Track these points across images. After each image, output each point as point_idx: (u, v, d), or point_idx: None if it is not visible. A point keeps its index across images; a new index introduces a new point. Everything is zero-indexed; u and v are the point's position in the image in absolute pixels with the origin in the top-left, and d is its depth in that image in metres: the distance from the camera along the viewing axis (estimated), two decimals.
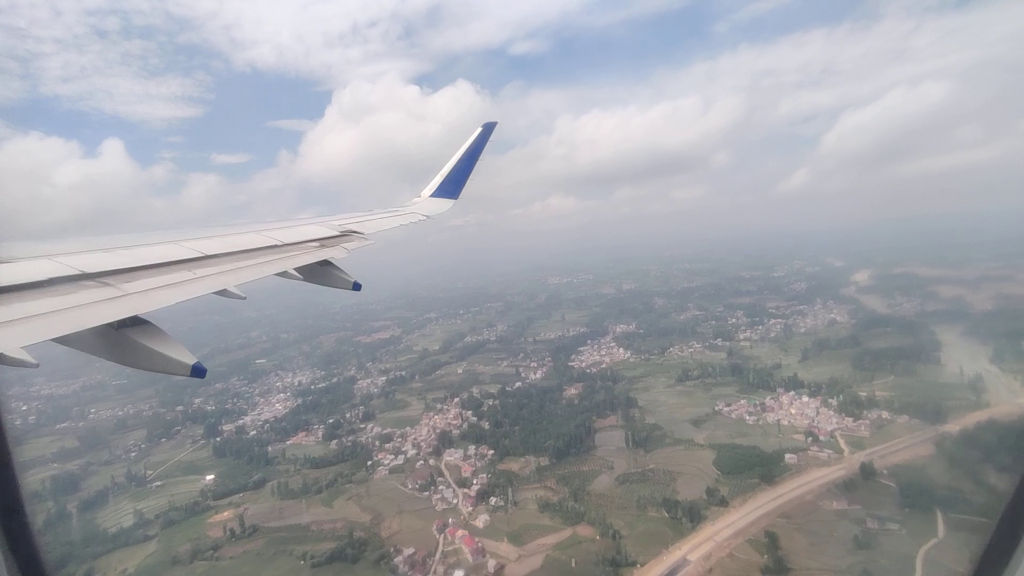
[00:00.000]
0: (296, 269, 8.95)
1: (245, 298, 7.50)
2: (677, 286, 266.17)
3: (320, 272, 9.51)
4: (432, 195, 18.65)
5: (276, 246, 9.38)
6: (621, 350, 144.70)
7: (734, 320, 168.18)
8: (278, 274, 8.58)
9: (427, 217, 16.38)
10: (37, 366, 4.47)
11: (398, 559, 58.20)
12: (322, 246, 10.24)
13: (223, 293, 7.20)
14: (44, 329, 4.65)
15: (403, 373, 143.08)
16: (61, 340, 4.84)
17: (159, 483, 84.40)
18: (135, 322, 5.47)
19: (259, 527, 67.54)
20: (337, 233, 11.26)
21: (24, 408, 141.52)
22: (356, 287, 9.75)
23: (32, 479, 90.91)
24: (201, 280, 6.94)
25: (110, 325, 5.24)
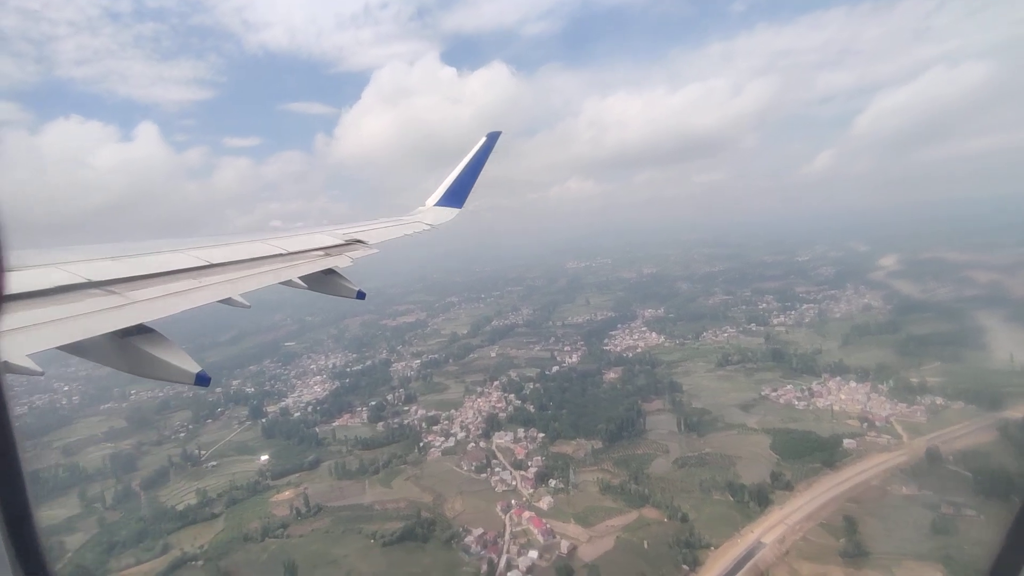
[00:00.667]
0: (300, 278, 8.93)
1: (250, 307, 7.43)
2: (699, 270, 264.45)
3: (324, 281, 9.54)
4: (436, 204, 18.71)
5: (281, 255, 9.40)
6: (654, 334, 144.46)
7: (765, 305, 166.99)
8: (282, 283, 8.56)
9: (431, 226, 16.32)
10: (42, 374, 4.45)
11: (468, 539, 59.03)
12: (327, 255, 10.24)
13: (228, 302, 7.14)
14: (50, 337, 4.65)
15: (436, 356, 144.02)
16: (67, 348, 4.84)
17: (214, 463, 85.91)
18: (140, 330, 5.45)
19: (323, 506, 68.69)
20: (342, 242, 11.26)
21: (67, 388, 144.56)
22: (360, 296, 9.79)
23: (89, 457, 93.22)
24: (206, 289, 6.96)
25: (116, 333, 5.21)
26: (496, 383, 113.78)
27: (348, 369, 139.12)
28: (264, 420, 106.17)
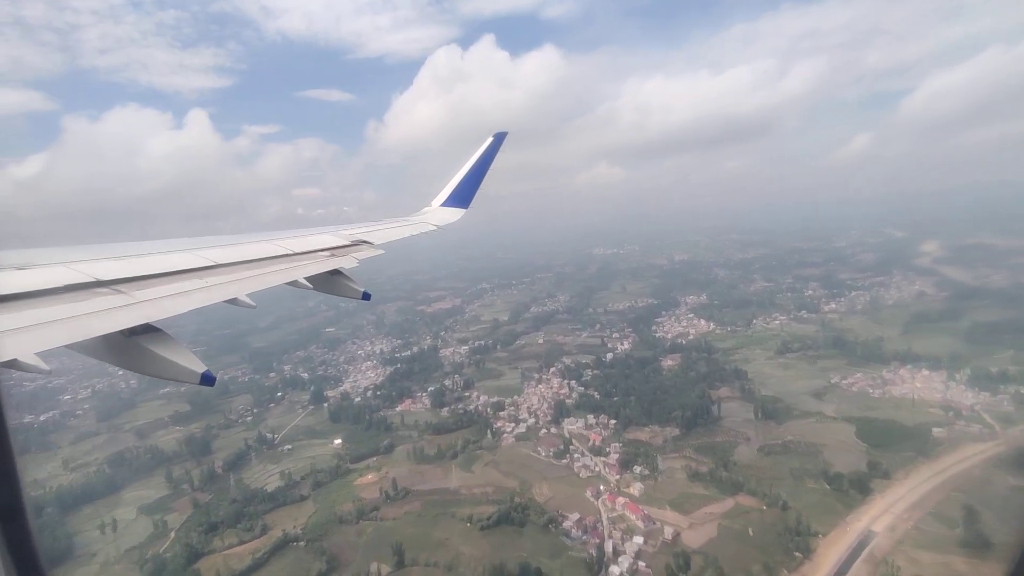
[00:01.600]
0: (306, 279, 8.89)
1: (255, 307, 7.43)
2: (733, 257, 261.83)
3: (330, 281, 9.54)
4: (443, 204, 18.62)
5: (287, 255, 9.34)
6: (702, 321, 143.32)
7: (811, 292, 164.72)
8: (288, 283, 8.50)
9: (437, 227, 16.21)
10: (50, 372, 4.52)
11: (566, 524, 59.41)
12: (332, 255, 10.21)
13: (234, 302, 7.10)
14: (57, 335, 4.61)
15: (481, 343, 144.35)
16: (74, 347, 4.81)
17: (288, 446, 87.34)
18: (146, 330, 5.43)
19: (410, 490, 69.48)
20: (347, 243, 11.23)
21: (121, 373, 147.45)
22: (365, 297, 9.70)
23: (163, 440, 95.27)
24: (212, 289, 6.91)
25: (122, 332, 5.20)
26: (552, 370, 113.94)
27: (397, 355, 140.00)
28: (326, 404, 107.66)
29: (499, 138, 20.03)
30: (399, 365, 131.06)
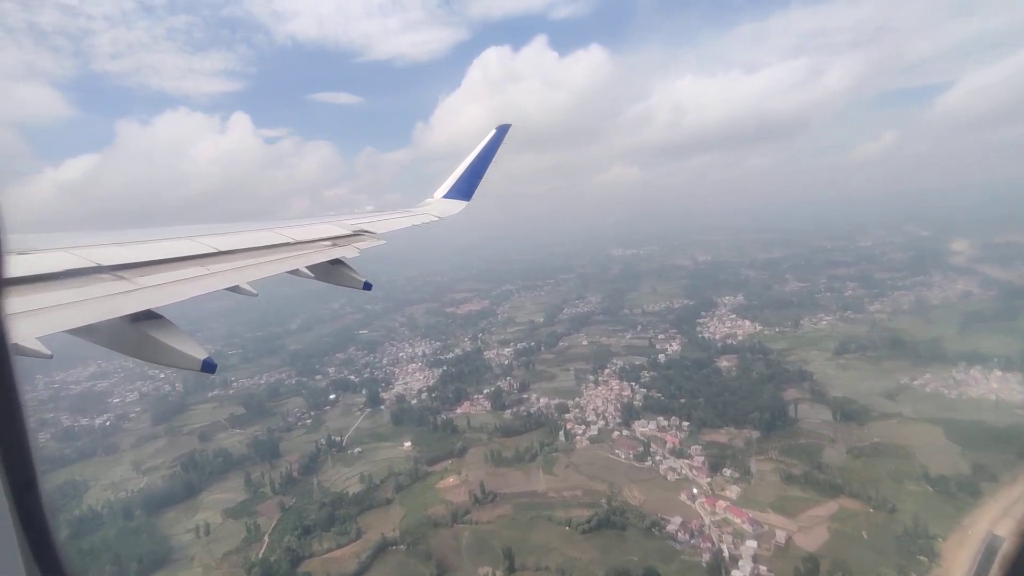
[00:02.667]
0: (308, 268, 8.92)
1: (257, 295, 7.35)
2: (757, 257, 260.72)
3: (331, 271, 9.50)
4: (445, 196, 18.50)
5: (289, 244, 9.37)
6: (746, 322, 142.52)
7: (851, 292, 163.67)
8: (290, 272, 8.53)
9: (439, 218, 16.14)
10: (51, 357, 4.42)
11: (669, 527, 58.84)
12: (334, 245, 10.23)
13: (235, 289, 7.08)
14: (59, 320, 4.62)
15: (524, 344, 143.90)
16: (75, 332, 4.80)
17: (358, 449, 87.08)
18: (148, 316, 5.43)
19: (496, 493, 69.08)
20: (349, 232, 11.23)
21: (162, 376, 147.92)
22: (367, 287, 9.73)
23: (226, 443, 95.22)
24: (214, 276, 6.92)
25: (124, 318, 5.20)
26: (606, 371, 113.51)
27: (440, 357, 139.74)
28: (383, 407, 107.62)
29: (502, 130, 19.94)
30: (445, 367, 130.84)
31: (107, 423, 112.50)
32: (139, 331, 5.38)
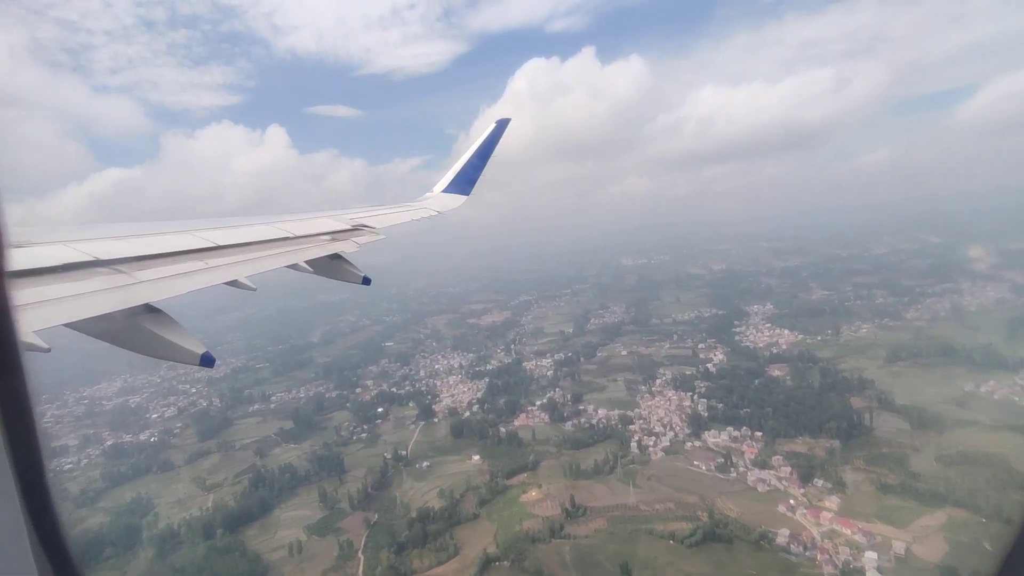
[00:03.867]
0: (307, 262, 8.94)
1: (255, 289, 7.40)
2: (771, 266, 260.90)
3: (330, 266, 9.57)
4: (444, 191, 18.55)
5: (287, 238, 9.39)
6: (785, 331, 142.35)
7: (881, 300, 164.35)
8: (288, 266, 8.54)
9: (438, 213, 16.14)
10: (48, 351, 4.44)
11: (779, 540, 58.18)
12: (333, 239, 10.27)
13: (234, 284, 7.12)
14: (56, 314, 4.63)
15: (562, 355, 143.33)
16: (73, 326, 4.82)
17: (426, 463, 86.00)
18: (147, 310, 5.46)
19: (585, 506, 68.24)
20: (348, 227, 11.29)
21: (194, 390, 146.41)
22: (366, 281, 9.78)
23: (286, 457, 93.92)
24: (213, 270, 6.95)
25: (122, 312, 5.22)
26: (658, 382, 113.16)
27: (478, 369, 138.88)
28: (436, 420, 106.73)
29: (501, 125, 19.91)
30: (487, 379, 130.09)
31: (152, 439, 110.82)
32: (137, 325, 5.40)
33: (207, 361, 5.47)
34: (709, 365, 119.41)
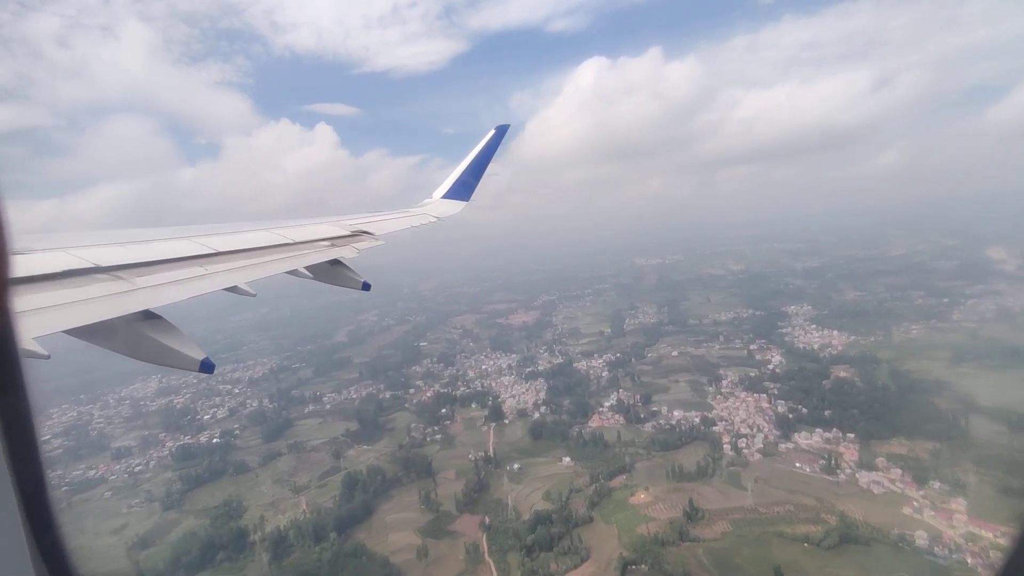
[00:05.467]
0: (306, 268, 9.02)
1: (255, 295, 7.46)
2: (790, 267, 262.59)
3: (330, 271, 9.62)
4: (444, 196, 18.68)
5: (287, 244, 9.46)
6: (834, 332, 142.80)
7: (920, 301, 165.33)
8: (288, 272, 8.62)
9: (438, 219, 16.26)
10: (48, 357, 4.47)
11: (919, 543, 58.12)
12: (333, 245, 10.34)
13: (234, 290, 7.19)
14: (56, 321, 4.69)
15: (610, 356, 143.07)
16: (72, 332, 4.87)
17: (516, 465, 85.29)
18: (147, 316, 5.52)
19: (702, 510, 67.87)
20: (348, 233, 11.34)
21: (237, 391, 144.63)
22: (365, 287, 9.78)
23: (365, 459, 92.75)
24: (212, 276, 7.01)
25: (121, 319, 5.28)
26: (723, 383, 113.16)
27: (533, 369, 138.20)
28: (505, 421, 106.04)
29: (500, 130, 20.14)
30: (541, 379, 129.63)
31: (214, 441, 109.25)
32: (137, 331, 5.43)
33: (207, 367, 5.47)
34: (770, 366, 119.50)
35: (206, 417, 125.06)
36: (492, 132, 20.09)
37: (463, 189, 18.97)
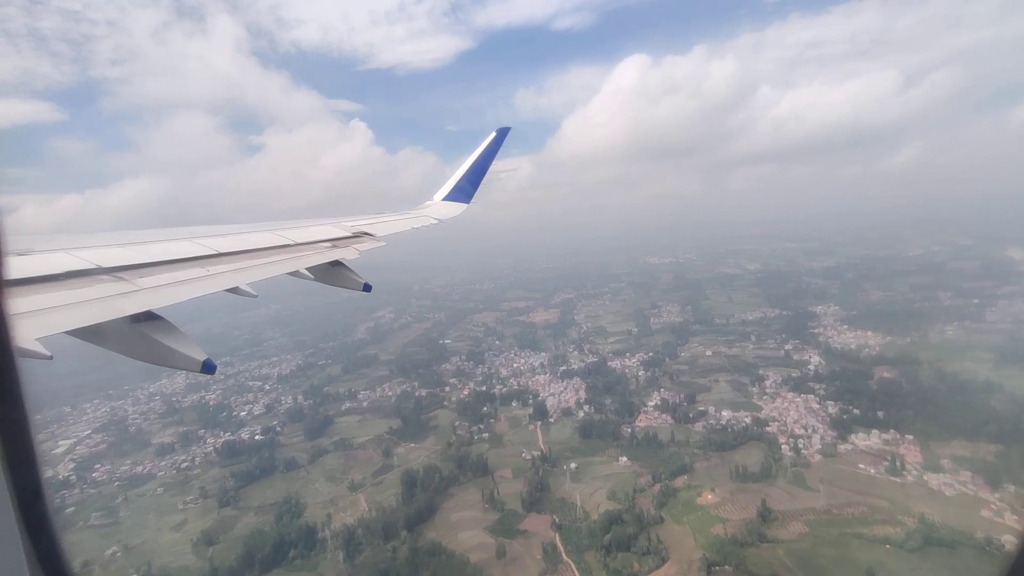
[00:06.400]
0: (308, 269, 9.10)
1: (257, 296, 7.55)
2: (808, 266, 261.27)
3: (331, 273, 9.65)
4: (444, 199, 18.76)
5: (289, 245, 9.50)
6: (868, 332, 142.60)
7: (949, 302, 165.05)
8: (290, 274, 8.68)
9: (438, 221, 16.35)
10: (51, 358, 4.48)
11: (1010, 548, 57.89)
12: (334, 247, 10.41)
13: (235, 291, 7.25)
14: (58, 321, 4.70)
15: (643, 355, 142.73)
16: (74, 333, 4.89)
17: (573, 465, 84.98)
18: (148, 317, 5.52)
19: (775, 510, 67.57)
20: (349, 234, 11.43)
21: (267, 387, 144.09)
22: (366, 288, 9.83)
23: (414, 457, 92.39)
24: (214, 277, 7.03)
25: (123, 319, 5.29)
26: (766, 383, 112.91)
27: (567, 368, 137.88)
28: (551, 420, 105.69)
29: (501, 133, 20.12)
30: (576, 378, 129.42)
31: (256, 437, 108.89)
32: (139, 332, 5.43)
33: (208, 368, 5.46)
34: (810, 367, 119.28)
35: (242, 414, 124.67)
36: (493, 135, 20.10)
37: (464, 191, 19.01)
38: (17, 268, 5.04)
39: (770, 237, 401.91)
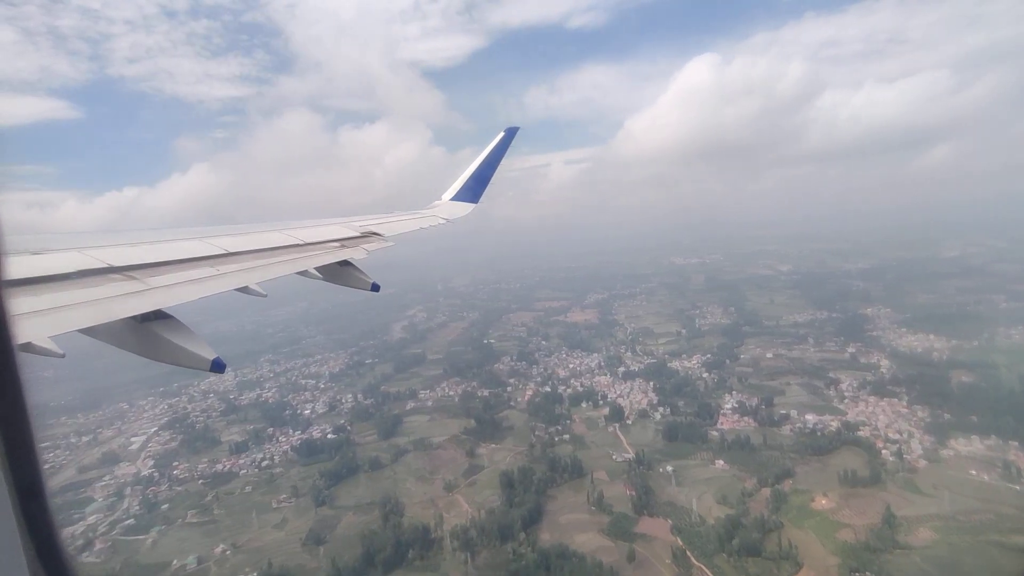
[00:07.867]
0: (316, 269, 9.11)
1: (266, 295, 7.51)
2: (844, 268, 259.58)
3: (340, 272, 9.65)
4: (452, 199, 18.65)
5: (298, 245, 9.50)
6: (931, 335, 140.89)
7: (1005, 305, 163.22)
8: (299, 273, 8.68)
9: (447, 220, 16.27)
10: (63, 356, 4.57)
11: None
12: (342, 246, 10.41)
13: (245, 290, 7.22)
14: (71, 320, 4.68)
15: (701, 357, 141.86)
16: (87, 331, 4.89)
17: (669, 468, 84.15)
18: (158, 316, 5.50)
19: (898, 516, 66.52)
20: (357, 234, 11.41)
21: (322, 385, 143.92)
22: (375, 288, 9.79)
23: (499, 458, 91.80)
24: (224, 277, 7.01)
25: (134, 318, 5.29)
26: (842, 386, 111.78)
27: (624, 370, 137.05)
28: (629, 421, 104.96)
29: (510, 132, 20.07)
30: (638, 379, 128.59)
31: (329, 436, 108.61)
32: (149, 331, 5.44)
33: (218, 366, 5.46)
34: (882, 370, 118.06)
35: (306, 412, 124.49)
36: (501, 134, 20.01)
37: (472, 191, 18.88)
38: (30, 267, 5.11)
39: (791, 238, 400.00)
